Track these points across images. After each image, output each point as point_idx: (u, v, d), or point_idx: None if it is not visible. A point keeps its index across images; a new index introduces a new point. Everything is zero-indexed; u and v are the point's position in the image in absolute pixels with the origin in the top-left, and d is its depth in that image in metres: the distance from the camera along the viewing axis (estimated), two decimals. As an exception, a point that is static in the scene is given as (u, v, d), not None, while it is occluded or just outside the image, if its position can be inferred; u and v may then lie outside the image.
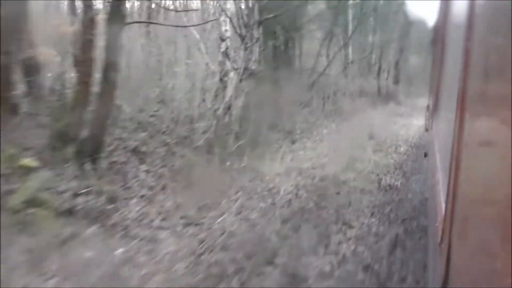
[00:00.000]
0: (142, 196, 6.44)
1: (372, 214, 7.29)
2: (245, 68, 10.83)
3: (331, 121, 17.53)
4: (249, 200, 7.17)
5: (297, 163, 10.21)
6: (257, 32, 10.86)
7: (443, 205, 1.98)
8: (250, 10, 10.96)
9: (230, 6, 11.53)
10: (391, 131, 15.72)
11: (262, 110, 13.32)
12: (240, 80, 10.94)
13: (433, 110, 5.72)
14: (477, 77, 1.40)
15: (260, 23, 10.90)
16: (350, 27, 24.11)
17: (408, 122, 18.75)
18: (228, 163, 9.14)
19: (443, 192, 2.13)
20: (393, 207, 7.49)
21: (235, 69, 10.91)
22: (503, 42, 1.02)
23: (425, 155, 6.63)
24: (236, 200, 7.10)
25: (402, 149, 13.14)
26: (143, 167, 7.39)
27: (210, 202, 6.84)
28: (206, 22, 9.71)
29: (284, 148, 12.10)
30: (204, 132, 9.60)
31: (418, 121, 18.94)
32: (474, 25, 1.58)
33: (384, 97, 22.18)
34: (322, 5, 19.55)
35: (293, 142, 13.10)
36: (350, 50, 25.63)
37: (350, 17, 22.89)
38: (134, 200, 6.19)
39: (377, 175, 9.79)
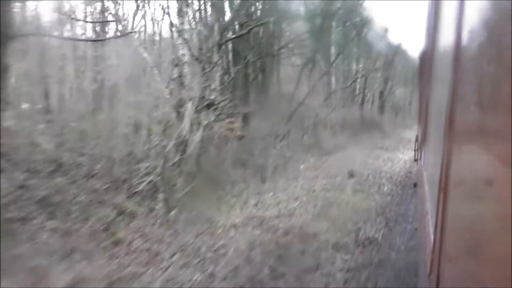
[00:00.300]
0: (32, 269, 4.77)
1: (345, 282, 5.70)
2: (202, 98, 9.32)
3: (309, 155, 16.10)
4: (184, 268, 5.52)
5: (261, 210, 8.62)
6: (216, 56, 9.40)
7: (432, 236, 1.95)
8: (210, 30, 9.53)
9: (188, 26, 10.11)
10: (374, 167, 14.24)
11: (227, 145, 11.84)
12: (197, 111, 9.42)
13: (422, 141, 5.41)
14: (466, 108, 1.39)
15: (220, 45, 9.45)
16: (333, 54, 22.95)
17: (393, 156, 17.31)
18: (174, 212, 7.52)
19: (432, 222, 2.09)
20: (372, 273, 5.89)
21: (191, 99, 9.41)
22: (494, 71, 1.00)
23: (415, 185, 6.28)
24: (166, 268, 5.45)
25: (385, 188, 11.61)
26: (51, 223, 5.74)
27: (129, 272, 5.20)
28: (124, 35, 8.20)
29: (251, 189, 10.54)
30: (148, 174, 8.00)
31: (404, 155, 17.53)
32: (461, 55, 1.56)
33: (368, 129, 20.78)
34: (301, 28, 18.29)
35: (263, 181, 11.55)
36: (333, 79, 24.40)
37: (332, 43, 21.73)
38: (14, 277, 4.51)
39: (355, 223, 8.22)
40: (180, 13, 10.06)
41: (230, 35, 11.73)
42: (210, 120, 9.55)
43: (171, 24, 9.47)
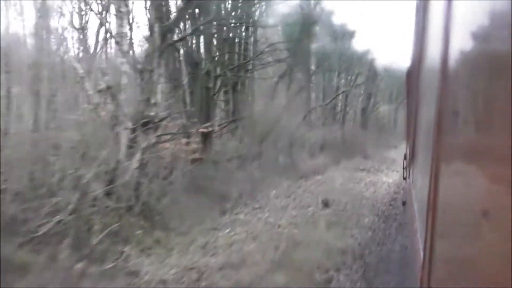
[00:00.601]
0: None
1: None
2: (141, 114, 7.59)
3: (284, 179, 14.39)
4: None
5: (206, 255, 6.84)
6: (157, 63, 7.68)
7: (422, 253, 1.97)
8: (151, 32, 7.86)
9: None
10: (354, 193, 12.52)
11: (181, 170, 10.08)
12: (133, 131, 7.67)
13: (410, 159, 5.15)
14: (455, 125, 1.34)
15: (162, 51, 7.75)
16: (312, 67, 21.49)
17: (376, 179, 15.64)
18: (82, 263, 5.70)
19: (421, 241, 2.11)
20: None
21: (126, 115, 7.68)
22: (489, 84, 0.92)
23: (404, 203, 5.76)
24: None
25: (366, 220, 9.86)
26: None
27: None
28: None
29: (205, 224, 8.78)
30: (57, 212, 6.19)
31: (388, 178, 15.91)
32: (449, 67, 1.54)
33: (349, 149, 19.13)
34: (276, 37, 16.73)
35: (222, 213, 9.79)
36: (313, 95, 22.87)
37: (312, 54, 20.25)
38: None
39: (325, 271, 6.47)
40: (119, 14, 8.39)
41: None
42: (151, 142, 7.77)
43: (105, 29, 7.74)
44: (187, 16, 10.24)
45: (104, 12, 10.55)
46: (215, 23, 12.54)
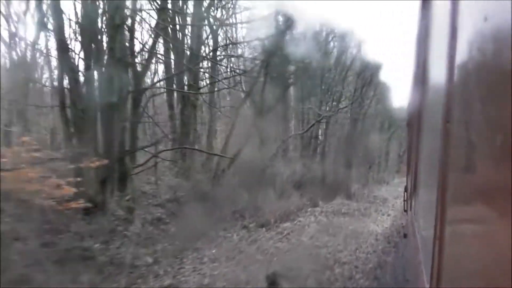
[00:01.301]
0: None
1: None
2: None
3: (237, 229, 10.80)
4: None
5: None
6: None
7: (428, 285, 1.98)
8: None
9: None
10: (325, 255, 8.74)
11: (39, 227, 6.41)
12: None
13: (412, 191, 4.69)
14: (464, 158, 1.28)
15: None
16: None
17: (361, 226, 11.88)
18: None
19: (426, 272, 2.13)
20: None
21: None
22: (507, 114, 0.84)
23: (405, 236, 5.41)
24: None
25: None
26: None
27: None
28: None
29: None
30: None
31: (376, 225, 12.19)
32: (453, 103, 1.47)
33: (331, 187, 15.45)
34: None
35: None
36: (292, 123, 19.43)
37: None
38: None
39: None
40: None
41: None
42: None
43: None
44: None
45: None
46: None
